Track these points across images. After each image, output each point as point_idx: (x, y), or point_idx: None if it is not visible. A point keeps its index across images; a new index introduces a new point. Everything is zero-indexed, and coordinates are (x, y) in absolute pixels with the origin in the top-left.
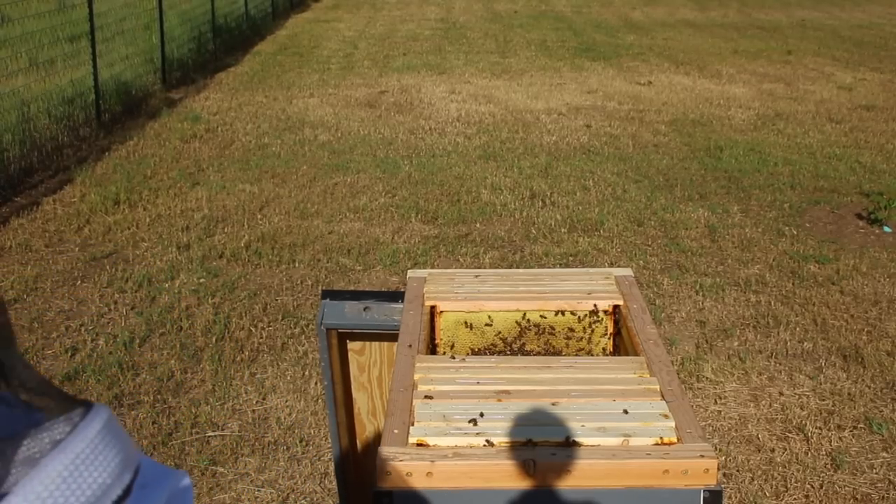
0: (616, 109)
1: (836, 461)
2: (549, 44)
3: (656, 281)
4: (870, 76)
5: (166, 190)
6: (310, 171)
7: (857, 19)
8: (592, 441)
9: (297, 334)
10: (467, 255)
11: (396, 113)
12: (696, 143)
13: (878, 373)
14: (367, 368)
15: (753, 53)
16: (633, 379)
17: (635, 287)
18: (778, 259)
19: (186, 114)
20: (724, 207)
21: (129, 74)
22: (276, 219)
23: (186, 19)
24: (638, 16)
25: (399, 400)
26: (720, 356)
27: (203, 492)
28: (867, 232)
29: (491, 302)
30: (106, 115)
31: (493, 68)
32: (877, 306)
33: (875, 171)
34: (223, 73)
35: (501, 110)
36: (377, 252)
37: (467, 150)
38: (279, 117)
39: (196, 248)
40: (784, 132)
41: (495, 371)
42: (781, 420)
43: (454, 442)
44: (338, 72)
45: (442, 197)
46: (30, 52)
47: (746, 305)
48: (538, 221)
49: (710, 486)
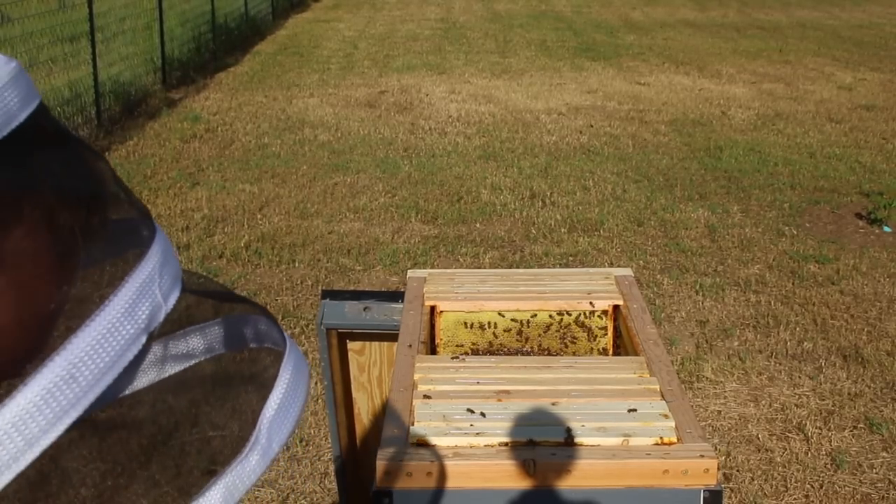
0: (616, 109)
1: (837, 461)
2: (549, 44)
3: (656, 281)
4: (870, 76)
5: (166, 190)
6: (310, 171)
7: (857, 19)
8: (592, 441)
9: (297, 334)
10: (467, 255)
11: (396, 113)
12: (696, 143)
13: (878, 373)
14: (367, 368)
15: (753, 53)
16: (633, 379)
17: (635, 287)
18: (778, 259)
19: (186, 114)
20: (724, 207)
21: (129, 74)
22: (276, 219)
23: (186, 19)
24: (638, 16)
25: (399, 400)
26: (720, 356)
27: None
28: (867, 232)
29: (491, 302)
30: (105, 115)
31: (493, 68)
32: (877, 306)
33: (875, 171)
34: (223, 73)
35: (501, 110)
36: (377, 252)
37: (467, 150)
38: (279, 117)
39: (196, 248)
40: (784, 132)
41: (495, 371)
42: (781, 420)
43: (454, 442)
44: (338, 72)
45: (442, 197)
46: (30, 52)
47: (746, 305)
48: (538, 221)
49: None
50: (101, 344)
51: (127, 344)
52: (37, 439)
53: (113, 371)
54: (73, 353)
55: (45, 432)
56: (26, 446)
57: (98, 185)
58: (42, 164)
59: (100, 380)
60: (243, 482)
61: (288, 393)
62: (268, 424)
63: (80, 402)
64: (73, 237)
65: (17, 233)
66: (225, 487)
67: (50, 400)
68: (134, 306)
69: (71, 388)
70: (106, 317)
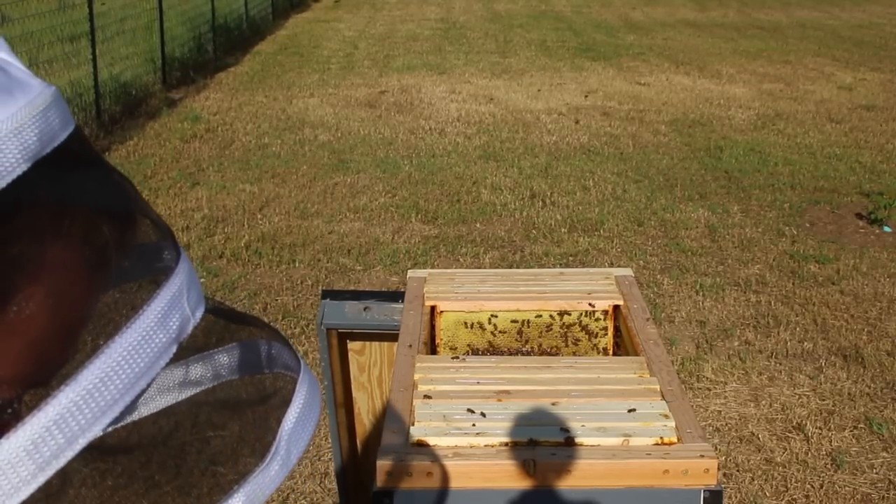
0: (616, 109)
1: (837, 461)
2: (549, 44)
3: (656, 281)
4: (870, 76)
5: (166, 190)
6: (310, 171)
7: (857, 19)
8: (592, 441)
9: (298, 334)
10: (467, 255)
11: (396, 113)
12: (696, 143)
13: (879, 373)
14: (367, 368)
15: (753, 53)
16: (633, 379)
17: (635, 287)
18: (778, 259)
19: (186, 114)
20: (724, 207)
21: (129, 74)
22: (276, 219)
23: (186, 19)
24: (638, 16)
25: (399, 400)
26: (720, 356)
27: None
28: (867, 232)
29: (491, 302)
30: (106, 114)
31: (493, 68)
32: (877, 306)
33: (875, 171)
34: (223, 73)
35: (501, 110)
36: (377, 252)
37: (467, 150)
38: (279, 117)
39: (196, 248)
40: (784, 132)
41: (495, 371)
42: (781, 420)
43: (454, 442)
44: (338, 72)
45: (442, 197)
46: (30, 52)
47: (746, 305)
48: (538, 221)
49: (711, 486)
50: (137, 350)
51: (160, 352)
52: (76, 437)
53: (146, 377)
54: (110, 357)
55: (84, 431)
56: (66, 444)
57: (129, 204)
58: (79, 182)
59: (134, 384)
60: (263, 490)
61: (305, 407)
62: (287, 436)
63: (116, 404)
64: (108, 252)
65: (57, 245)
66: (245, 495)
67: (89, 400)
68: (166, 317)
69: (109, 389)
70: (140, 325)
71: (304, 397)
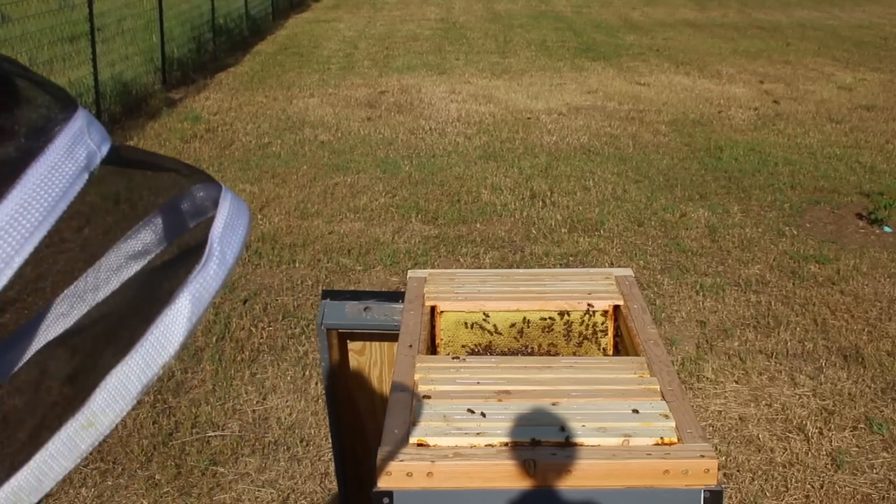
0: (616, 109)
1: (837, 461)
2: (549, 44)
3: (656, 281)
4: (870, 76)
5: None
6: (310, 171)
7: (857, 19)
8: (593, 441)
9: (298, 334)
10: (467, 255)
11: (396, 113)
12: (696, 143)
13: (879, 373)
14: (367, 368)
15: (753, 53)
16: (633, 379)
17: (635, 287)
18: (778, 259)
19: (186, 114)
20: (725, 207)
21: (129, 74)
22: (277, 219)
23: (186, 19)
24: (638, 16)
25: (399, 400)
26: (720, 356)
27: (203, 492)
28: (867, 232)
29: (491, 302)
30: (106, 114)
31: (493, 68)
32: (877, 306)
33: (875, 171)
34: (223, 73)
35: (501, 110)
36: (377, 252)
37: (467, 150)
38: (279, 117)
39: None
40: (784, 132)
41: (495, 371)
42: (782, 420)
43: (454, 442)
44: (338, 72)
45: (442, 197)
46: (30, 52)
47: (747, 305)
48: (538, 221)
49: (711, 487)
50: (49, 178)
51: (71, 179)
52: (10, 258)
53: (63, 201)
54: (25, 188)
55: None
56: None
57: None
58: None
59: (54, 208)
60: (206, 289)
61: (231, 213)
62: (218, 238)
63: (41, 226)
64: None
65: None
66: (191, 293)
67: (15, 224)
68: (71, 150)
69: (32, 213)
70: (48, 159)
71: (227, 207)
